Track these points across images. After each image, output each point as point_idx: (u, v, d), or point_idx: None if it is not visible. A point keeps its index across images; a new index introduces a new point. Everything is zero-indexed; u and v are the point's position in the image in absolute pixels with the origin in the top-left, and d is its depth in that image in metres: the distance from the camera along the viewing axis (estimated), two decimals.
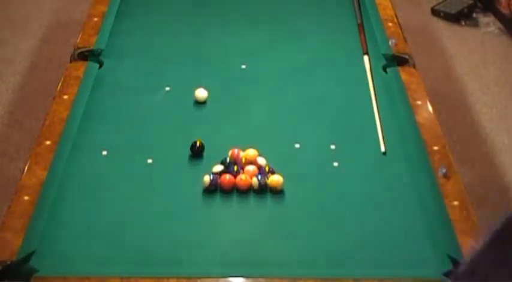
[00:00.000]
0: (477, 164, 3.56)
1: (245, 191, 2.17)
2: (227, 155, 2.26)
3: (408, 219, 2.09)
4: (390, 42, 2.87)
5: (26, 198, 2.08)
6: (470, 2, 4.78)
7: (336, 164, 2.30)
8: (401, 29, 3.00)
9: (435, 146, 2.32)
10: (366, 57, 2.79)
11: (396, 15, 3.10)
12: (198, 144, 2.31)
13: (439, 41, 4.58)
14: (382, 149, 2.35)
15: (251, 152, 2.27)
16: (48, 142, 2.31)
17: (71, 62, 2.76)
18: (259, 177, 2.17)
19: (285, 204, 2.15)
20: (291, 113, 2.57)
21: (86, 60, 2.75)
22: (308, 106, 2.61)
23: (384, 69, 2.75)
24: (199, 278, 1.86)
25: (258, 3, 3.31)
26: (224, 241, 2.05)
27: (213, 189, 2.16)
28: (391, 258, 1.96)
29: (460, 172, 2.26)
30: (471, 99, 4.05)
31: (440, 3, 4.88)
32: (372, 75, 2.67)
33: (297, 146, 2.38)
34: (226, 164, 2.23)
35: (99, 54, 2.79)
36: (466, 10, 4.76)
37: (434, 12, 4.83)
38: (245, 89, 2.70)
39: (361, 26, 2.96)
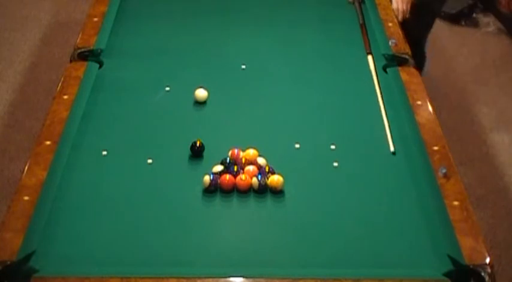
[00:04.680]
0: (477, 164, 3.57)
1: (245, 191, 2.17)
2: (227, 155, 2.26)
3: (408, 219, 2.09)
4: (390, 42, 2.87)
5: (26, 198, 2.08)
6: (470, 2, 4.79)
7: (336, 164, 2.30)
8: (401, 29, 3.00)
9: (435, 146, 2.32)
10: (369, 57, 2.79)
11: (396, 15, 3.10)
12: (198, 144, 2.31)
13: (439, 41, 4.58)
14: (391, 148, 2.35)
15: (251, 152, 2.27)
16: (48, 142, 2.31)
17: (71, 62, 2.76)
18: (259, 177, 2.17)
19: (285, 204, 2.15)
20: (291, 113, 2.57)
21: (86, 60, 2.75)
22: (308, 106, 2.61)
23: (384, 69, 2.75)
24: (199, 278, 1.86)
25: (259, 4, 3.31)
26: (224, 241, 2.05)
27: (213, 189, 2.16)
28: (391, 258, 1.96)
29: (460, 172, 2.25)
30: (471, 99, 4.05)
31: None
32: (376, 75, 2.67)
33: (297, 146, 2.38)
34: (226, 164, 2.23)
35: (99, 54, 2.79)
36: (466, 10, 4.77)
37: None
38: (245, 89, 2.70)
39: (363, 26, 2.97)
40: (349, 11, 3.20)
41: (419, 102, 2.54)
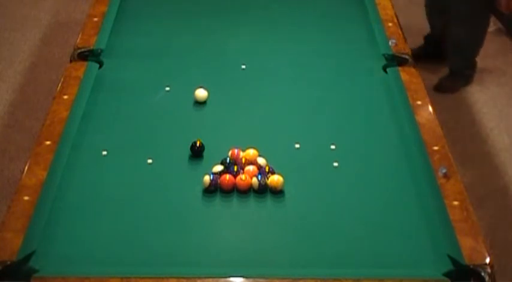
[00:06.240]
0: (477, 164, 3.56)
1: (245, 191, 2.17)
2: (227, 155, 2.26)
3: (408, 219, 2.09)
4: (390, 42, 2.87)
5: (26, 198, 2.08)
6: None
7: (336, 164, 2.30)
8: (401, 29, 3.00)
9: (435, 146, 2.32)
10: None
11: (396, 15, 3.10)
12: (198, 144, 2.31)
13: None
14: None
15: (251, 152, 2.27)
16: (48, 142, 2.31)
17: (71, 62, 2.76)
18: (259, 177, 2.17)
19: (285, 204, 2.15)
20: (291, 113, 2.57)
21: (86, 60, 2.75)
22: (308, 106, 2.61)
23: (384, 69, 2.75)
24: (199, 278, 1.86)
25: (258, 3, 3.31)
26: (224, 241, 2.05)
27: (213, 190, 2.16)
28: (391, 258, 1.97)
29: (460, 172, 2.26)
30: (471, 99, 4.05)
31: None
32: None
33: (297, 146, 2.38)
34: (226, 164, 2.23)
35: (99, 54, 2.79)
36: None
37: None
38: (245, 89, 2.70)
39: None
40: (351, 9, 3.21)
41: (419, 102, 2.54)
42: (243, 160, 2.24)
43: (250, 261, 1.95)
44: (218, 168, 2.22)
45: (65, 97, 2.53)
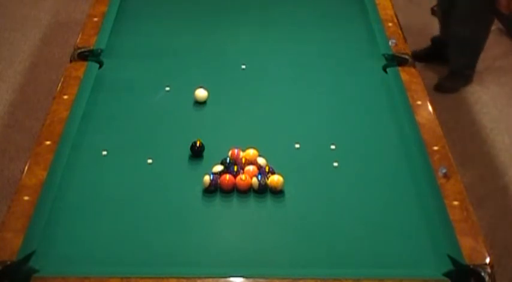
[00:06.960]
0: (477, 164, 3.56)
1: (245, 191, 2.17)
2: (227, 155, 2.26)
3: (408, 219, 2.09)
4: (390, 42, 2.87)
5: (26, 198, 2.08)
6: None
7: (336, 164, 2.30)
8: (401, 29, 3.00)
9: (435, 146, 2.32)
10: None
11: (396, 15, 3.10)
12: (198, 144, 2.31)
13: None
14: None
15: (251, 152, 2.27)
16: (48, 142, 2.31)
17: (71, 62, 2.76)
18: (259, 177, 2.17)
19: (285, 204, 2.15)
20: (291, 113, 2.57)
21: (86, 60, 2.75)
22: (308, 106, 2.61)
23: (384, 69, 2.75)
24: (199, 278, 1.86)
25: (258, 3, 3.31)
26: (224, 241, 2.05)
27: (213, 190, 2.16)
28: (391, 258, 1.97)
29: (460, 172, 2.26)
30: (471, 99, 4.05)
31: None
32: None
33: (297, 146, 2.38)
34: (226, 164, 2.23)
35: (99, 54, 2.79)
36: None
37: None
38: (245, 89, 2.70)
39: None
40: (351, 9, 3.20)
41: (419, 102, 2.54)
42: (243, 160, 2.24)
43: (250, 261, 1.95)
44: (218, 168, 2.22)
45: (65, 97, 2.53)
